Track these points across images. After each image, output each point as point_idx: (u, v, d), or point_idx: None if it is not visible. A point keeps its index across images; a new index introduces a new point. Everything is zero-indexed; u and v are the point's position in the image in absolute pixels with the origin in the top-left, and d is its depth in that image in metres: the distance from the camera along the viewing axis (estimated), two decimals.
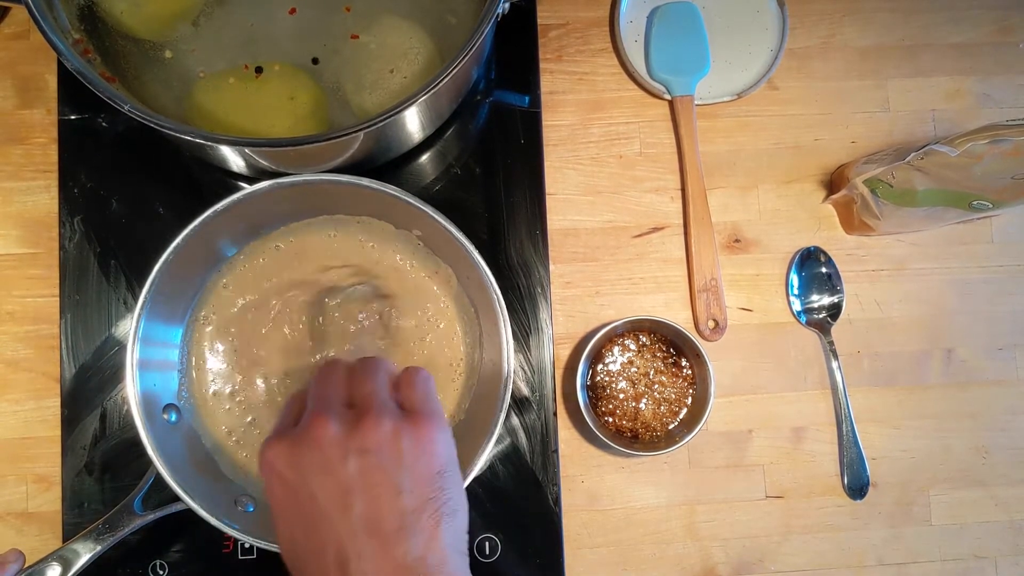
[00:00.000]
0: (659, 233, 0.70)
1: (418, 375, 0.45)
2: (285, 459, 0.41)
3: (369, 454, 0.40)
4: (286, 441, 0.41)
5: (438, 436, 0.42)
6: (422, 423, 0.42)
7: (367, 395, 0.43)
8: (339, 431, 0.41)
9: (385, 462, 0.40)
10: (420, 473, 0.41)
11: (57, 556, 0.52)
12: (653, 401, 0.66)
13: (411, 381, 0.45)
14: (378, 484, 0.40)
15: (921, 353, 0.70)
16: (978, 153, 0.55)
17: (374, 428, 0.41)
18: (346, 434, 0.40)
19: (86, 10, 0.56)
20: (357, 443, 0.40)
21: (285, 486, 0.41)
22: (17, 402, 0.65)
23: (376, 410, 0.42)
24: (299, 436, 0.41)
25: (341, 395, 0.44)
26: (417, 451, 0.41)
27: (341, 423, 0.41)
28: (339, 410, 0.42)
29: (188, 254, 0.55)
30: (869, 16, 0.73)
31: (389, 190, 0.55)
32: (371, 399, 0.43)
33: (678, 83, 0.70)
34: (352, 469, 0.40)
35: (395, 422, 0.41)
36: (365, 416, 0.41)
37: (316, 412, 0.42)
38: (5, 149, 0.67)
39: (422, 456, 0.41)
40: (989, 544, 0.69)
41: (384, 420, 0.41)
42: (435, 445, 0.42)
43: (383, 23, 0.59)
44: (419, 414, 0.42)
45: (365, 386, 0.44)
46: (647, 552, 0.67)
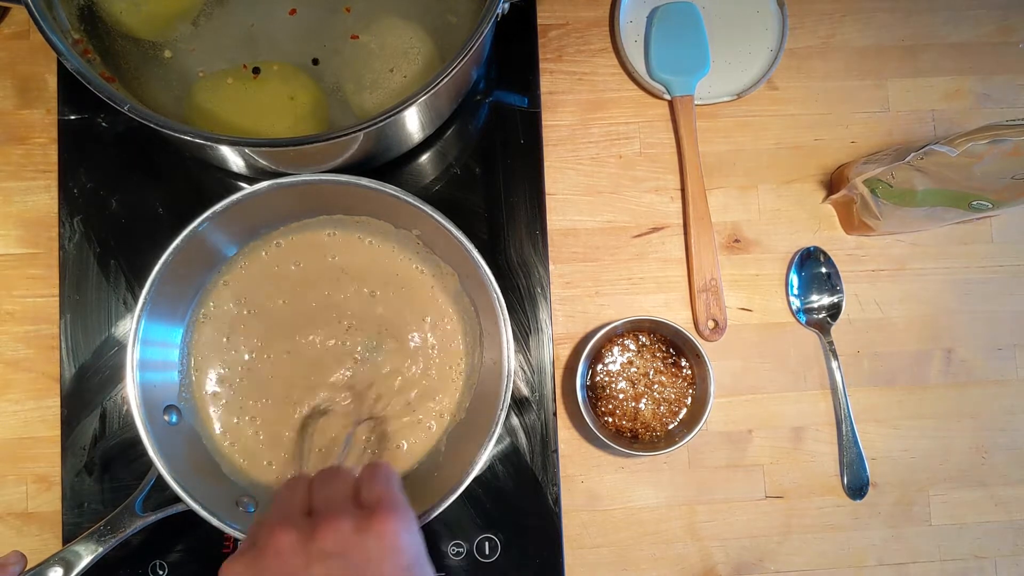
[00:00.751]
0: (659, 233, 0.70)
1: (378, 470, 0.44)
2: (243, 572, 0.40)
3: (332, 558, 0.39)
4: (246, 557, 0.41)
5: (402, 529, 0.41)
6: (385, 518, 0.41)
7: (324, 500, 0.42)
8: (298, 538, 0.40)
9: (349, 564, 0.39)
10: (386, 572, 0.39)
11: (59, 558, 0.52)
12: (653, 401, 0.66)
13: (372, 475, 0.44)
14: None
15: (921, 353, 0.70)
16: (978, 153, 0.55)
17: (333, 530, 0.40)
18: (305, 541, 0.39)
19: (86, 10, 0.57)
20: (318, 548, 0.39)
21: None
22: (17, 402, 0.65)
23: (334, 513, 0.41)
24: (258, 551, 0.40)
25: (301, 506, 0.43)
26: (382, 548, 0.40)
27: (299, 530, 0.40)
28: (297, 519, 0.41)
29: (188, 254, 0.55)
30: (869, 16, 0.73)
31: (389, 190, 0.55)
32: (329, 503, 0.42)
33: (678, 83, 0.70)
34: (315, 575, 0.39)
35: (355, 521, 0.40)
36: (324, 519, 0.40)
37: (273, 524, 0.41)
38: (5, 149, 0.67)
39: (388, 554, 0.40)
40: (989, 544, 0.69)
41: (342, 521, 0.40)
42: (400, 539, 0.40)
43: (383, 23, 0.59)
44: (381, 509, 0.41)
45: (322, 492, 0.43)
46: (647, 552, 0.67)
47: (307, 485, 0.45)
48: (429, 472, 0.59)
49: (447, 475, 0.56)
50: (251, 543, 0.42)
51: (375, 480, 0.44)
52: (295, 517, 0.42)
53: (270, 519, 0.42)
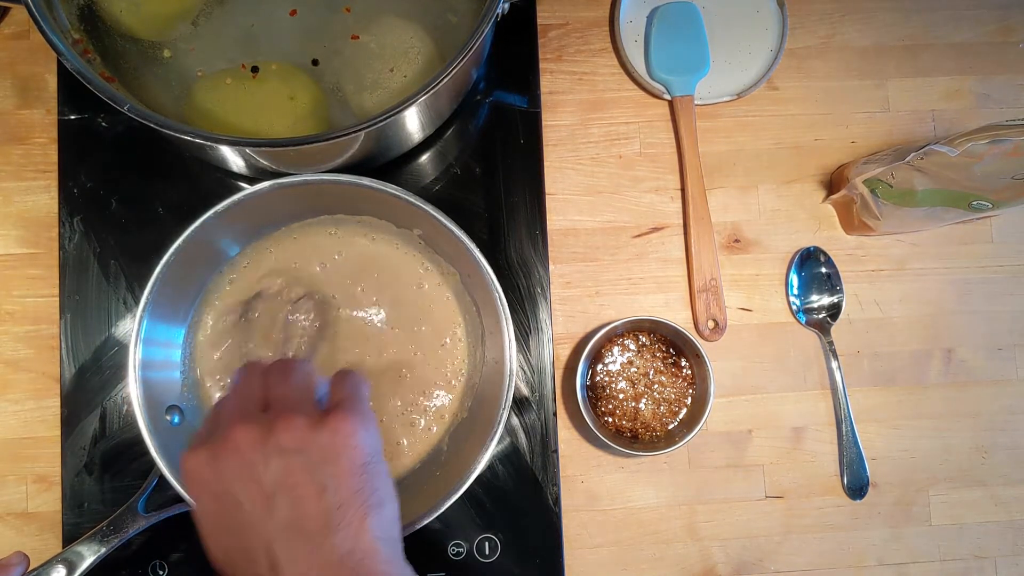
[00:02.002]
0: (659, 233, 0.70)
1: (348, 376, 0.45)
2: (207, 467, 0.41)
3: (289, 454, 0.40)
4: (205, 450, 0.41)
5: (358, 429, 0.41)
6: (341, 417, 0.41)
7: (282, 396, 0.43)
8: (256, 434, 0.40)
9: (306, 461, 0.40)
10: (342, 468, 0.40)
11: (61, 558, 0.52)
12: (653, 401, 0.66)
13: (340, 381, 0.45)
14: (300, 484, 0.39)
15: (921, 353, 0.70)
16: (978, 153, 0.55)
17: (289, 427, 0.40)
18: (263, 436, 0.40)
19: (86, 10, 0.56)
20: (274, 444, 0.40)
21: (209, 494, 0.41)
22: (17, 402, 0.65)
23: (291, 410, 0.41)
24: (218, 443, 0.41)
25: (257, 398, 0.43)
26: (337, 446, 0.40)
27: (258, 425, 0.41)
28: (255, 413, 0.42)
29: (190, 254, 0.55)
30: (869, 16, 0.73)
31: (390, 189, 0.55)
32: (286, 399, 0.42)
33: (678, 83, 0.70)
34: (273, 471, 0.40)
35: (311, 419, 0.41)
36: (280, 416, 0.41)
37: (232, 418, 0.41)
38: (5, 149, 0.67)
39: (343, 451, 0.40)
40: (989, 544, 0.69)
41: (299, 418, 0.41)
42: (355, 438, 0.41)
43: (383, 23, 0.59)
44: (338, 410, 0.42)
45: (280, 387, 0.44)
46: (647, 552, 0.67)
47: (261, 373, 0.45)
48: (431, 471, 0.59)
49: (449, 474, 0.56)
50: (209, 432, 0.42)
51: (343, 384, 0.44)
52: (252, 411, 0.42)
53: (229, 409, 0.43)
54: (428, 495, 0.55)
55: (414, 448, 0.60)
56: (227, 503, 0.40)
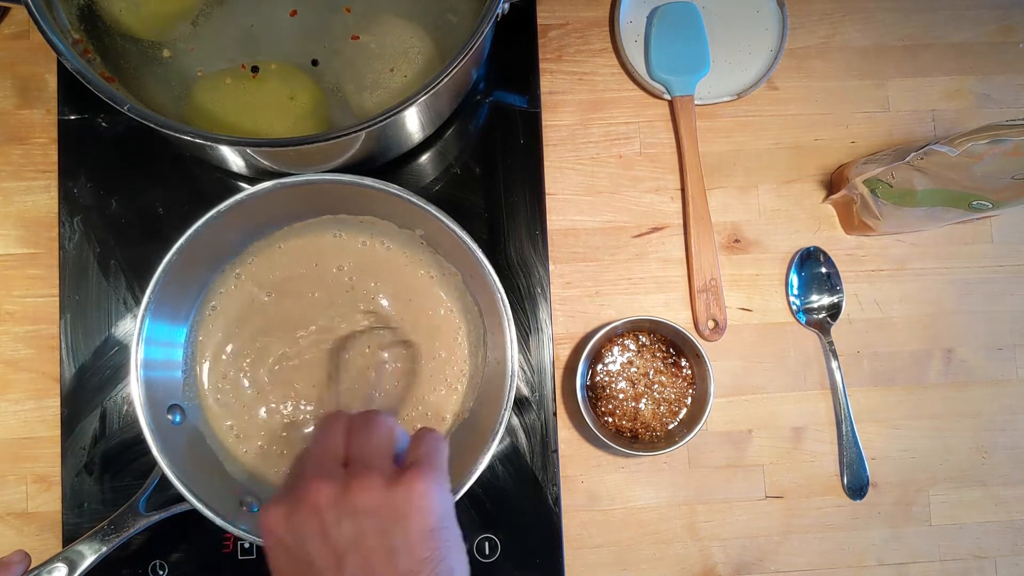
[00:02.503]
0: (659, 233, 0.70)
1: (428, 435, 0.45)
2: (283, 523, 0.41)
3: (362, 516, 0.40)
4: (283, 505, 0.41)
5: (432, 490, 0.41)
6: (416, 478, 0.41)
7: (361, 453, 0.43)
8: (332, 493, 0.40)
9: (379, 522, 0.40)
10: (414, 532, 0.40)
11: (63, 557, 0.52)
12: (653, 401, 0.66)
13: (420, 439, 0.44)
14: (371, 547, 0.39)
15: (921, 353, 0.70)
16: (978, 153, 0.55)
17: (365, 487, 0.40)
18: (339, 494, 0.40)
19: (85, 10, 0.56)
20: (350, 504, 0.40)
21: (283, 550, 0.41)
22: (17, 402, 0.65)
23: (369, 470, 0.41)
24: (295, 500, 0.41)
25: (338, 453, 0.43)
26: (409, 508, 0.40)
27: (334, 485, 0.40)
28: (333, 470, 0.42)
29: (192, 254, 0.55)
30: (869, 16, 0.73)
31: (392, 189, 0.55)
32: (366, 458, 0.42)
33: (678, 83, 0.70)
34: (346, 532, 0.39)
35: (387, 479, 0.41)
36: (358, 476, 0.41)
37: (311, 475, 0.41)
38: (5, 149, 0.67)
39: (415, 513, 0.40)
40: (989, 544, 0.69)
41: (375, 477, 0.40)
42: (428, 500, 0.41)
43: (383, 23, 0.59)
44: (414, 469, 0.41)
45: (360, 443, 0.43)
46: (647, 552, 0.67)
47: (345, 427, 0.45)
48: None
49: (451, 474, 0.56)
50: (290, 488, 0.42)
51: (422, 442, 0.44)
52: (332, 467, 0.42)
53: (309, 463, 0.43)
54: None
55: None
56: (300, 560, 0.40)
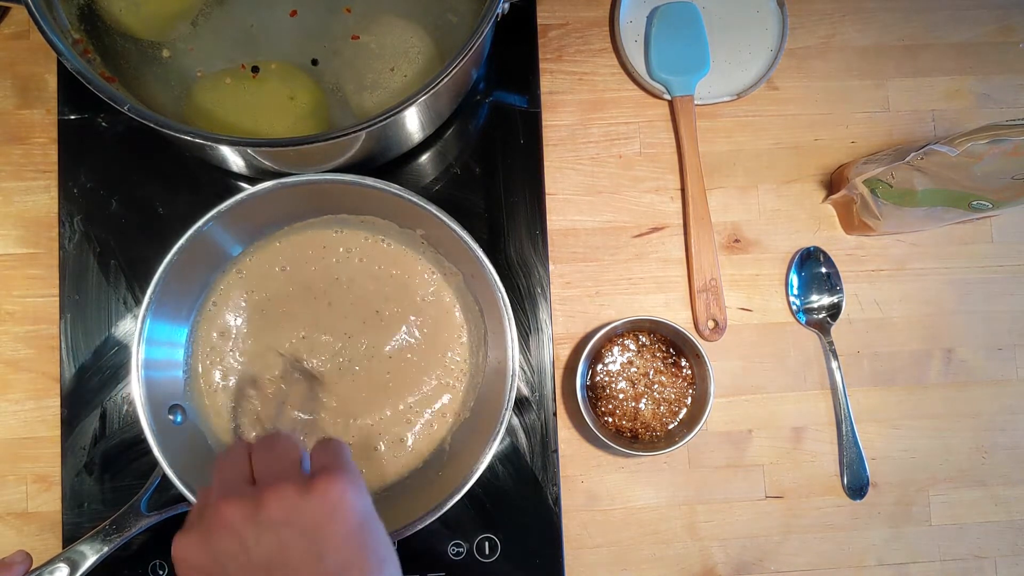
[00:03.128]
0: (659, 233, 0.70)
1: (329, 442, 0.44)
2: (198, 550, 0.40)
3: (281, 527, 0.39)
4: (195, 532, 0.40)
5: (348, 488, 0.40)
6: (328, 481, 0.40)
7: (267, 468, 0.42)
8: (244, 509, 0.39)
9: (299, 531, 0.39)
10: (337, 532, 0.39)
11: (64, 557, 0.52)
12: (653, 401, 0.66)
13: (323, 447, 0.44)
14: (295, 555, 0.38)
15: (921, 353, 0.70)
16: (978, 153, 0.55)
17: (278, 498, 0.39)
18: (252, 510, 0.39)
19: (85, 10, 0.57)
20: (265, 517, 0.39)
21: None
22: (17, 402, 0.65)
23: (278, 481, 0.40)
24: (207, 524, 0.40)
25: (243, 475, 0.43)
26: (328, 509, 0.39)
27: (245, 501, 0.40)
28: (241, 489, 0.41)
29: (193, 254, 0.55)
30: (869, 16, 0.73)
31: (394, 189, 0.55)
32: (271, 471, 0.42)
33: (678, 83, 0.70)
34: (267, 546, 0.39)
35: (298, 486, 0.40)
36: (267, 488, 0.40)
37: (218, 496, 0.41)
38: (5, 149, 0.67)
39: (335, 515, 0.39)
40: (989, 544, 0.69)
41: (286, 487, 0.40)
42: (346, 500, 0.40)
43: (383, 23, 0.59)
44: (325, 472, 0.41)
45: (264, 459, 0.43)
46: (647, 552, 0.67)
47: (245, 451, 0.44)
48: (434, 471, 0.59)
49: (452, 474, 0.56)
50: (198, 516, 0.42)
51: (326, 449, 0.44)
52: (239, 486, 0.41)
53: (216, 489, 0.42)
54: (431, 495, 0.55)
55: (417, 448, 0.60)
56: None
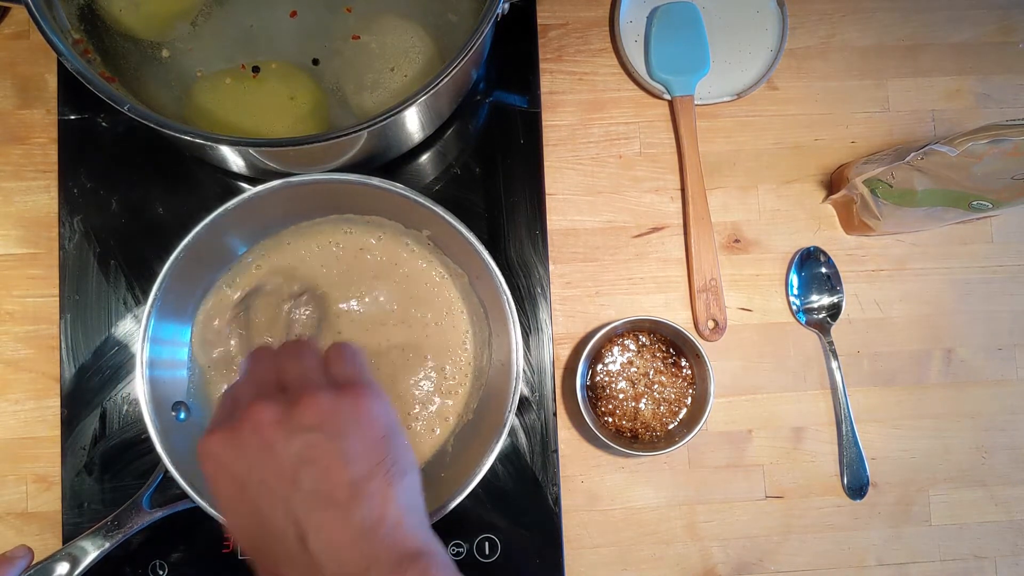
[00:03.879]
0: (659, 233, 0.70)
1: (346, 349, 0.45)
2: (227, 449, 0.41)
3: (311, 431, 0.40)
4: (224, 432, 0.41)
5: (375, 403, 0.42)
6: (358, 393, 0.42)
7: (298, 375, 0.43)
8: (277, 412, 0.40)
9: (327, 436, 0.40)
10: (364, 440, 0.41)
11: (65, 553, 0.52)
12: (653, 401, 0.66)
13: (340, 355, 0.45)
14: (324, 457, 0.40)
15: (921, 353, 0.70)
16: (978, 153, 0.55)
17: (311, 405, 0.41)
18: (284, 415, 0.40)
19: (85, 10, 0.57)
20: (297, 422, 0.40)
21: (230, 477, 0.41)
22: (17, 402, 0.65)
23: (311, 388, 0.42)
24: (237, 424, 0.41)
25: (271, 379, 0.44)
26: (358, 420, 0.41)
27: (278, 405, 0.41)
28: (273, 393, 0.42)
29: (198, 253, 0.55)
30: (869, 16, 0.73)
31: (399, 189, 0.55)
32: (303, 378, 0.43)
33: (678, 83, 0.70)
34: (296, 447, 0.40)
35: (331, 396, 0.41)
36: (301, 395, 0.41)
37: (251, 399, 0.42)
38: (5, 149, 0.67)
39: (363, 424, 0.41)
40: (989, 544, 0.69)
41: (320, 396, 0.41)
42: (373, 412, 0.42)
43: (383, 23, 0.59)
44: (353, 385, 0.42)
45: (294, 367, 0.44)
46: (647, 552, 0.67)
47: (274, 357, 0.45)
48: (436, 473, 0.59)
49: (454, 475, 0.56)
50: (227, 416, 0.42)
51: (345, 358, 0.45)
52: (270, 390, 0.42)
53: (242, 392, 0.43)
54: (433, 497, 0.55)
55: (419, 450, 0.60)
56: (249, 483, 0.40)
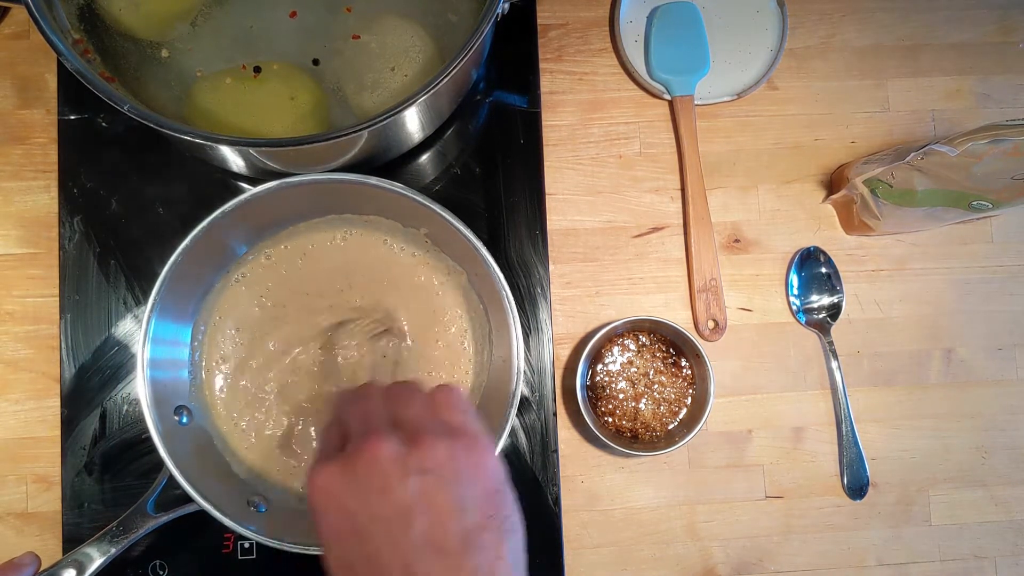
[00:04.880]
0: (659, 233, 0.70)
1: (454, 394, 0.45)
2: (340, 482, 0.40)
3: (428, 474, 0.39)
4: (338, 464, 0.40)
5: (489, 454, 0.42)
6: (474, 443, 0.41)
7: (415, 416, 0.43)
8: (395, 450, 0.40)
9: (444, 483, 0.39)
10: (479, 492, 0.40)
11: (71, 560, 0.52)
12: (653, 401, 0.66)
13: (449, 402, 0.44)
14: (439, 503, 0.39)
15: (921, 353, 0.70)
16: (978, 153, 0.55)
17: (431, 448, 0.40)
18: (404, 453, 0.40)
19: (85, 10, 0.56)
20: (415, 463, 0.39)
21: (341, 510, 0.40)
22: (17, 402, 0.65)
23: (428, 430, 0.41)
24: (353, 457, 0.40)
25: (388, 417, 0.43)
26: (474, 470, 0.40)
27: (396, 443, 0.40)
28: (391, 429, 0.41)
29: (198, 253, 0.55)
30: (869, 16, 0.73)
31: (398, 189, 0.55)
32: (421, 420, 0.42)
33: (678, 83, 0.70)
34: (413, 489, 0.39)
35: (448, 442, 0.41)
36: (421, 436, 0.41)
37: (369, 432, 0.41)
38: (5, 149, 0.67)
39: (479, 475, 0.41)
40: (989, 544, 0.69)
41: (440, 440, 0.40)
42: (488, 463, 0.41)
43: (384, 23, 0.59)
44: (469, 434, 0.42)
45: (410, 408, 0.43)
46: (647, 552, 0.67)
47: (385, 394, 0.45)
48: None
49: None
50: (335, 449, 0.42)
51: (454, 405, 0.44)
52: (387, 428, 0.42)
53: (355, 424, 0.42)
54: None
55: None
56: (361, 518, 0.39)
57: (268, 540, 0.52)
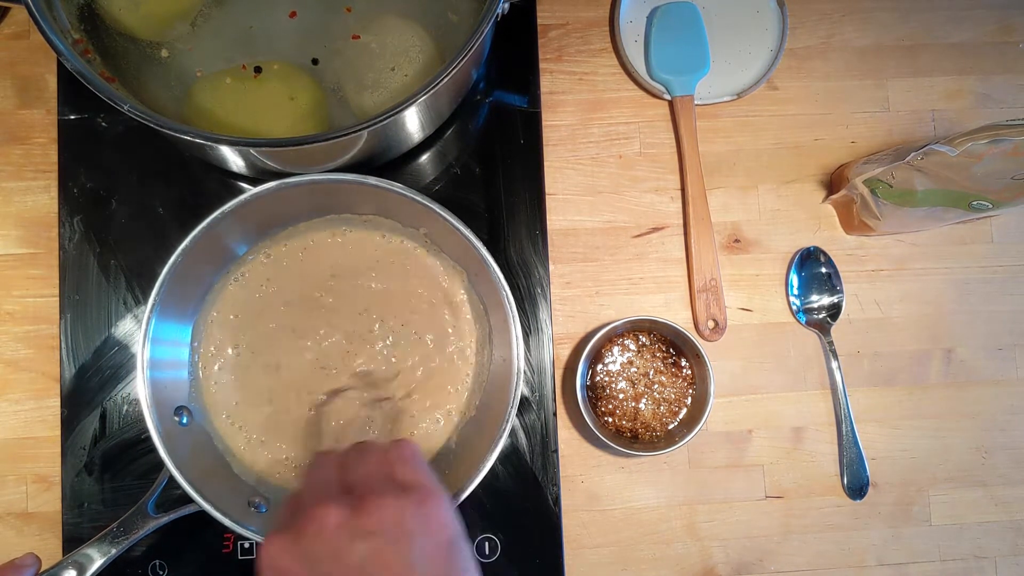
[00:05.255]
0: (659, 233, 0.70)
1: (407, 448, 0.45)
2: (289, 554, 0.40)
3: (376, 535, 0.39)
4: (286, 535, 0.40)
5: (441, 508, 0.41)
6: (426, 498, 0.41)
7: (363, 477, 0.43)
8: (341, 516, 0.40)
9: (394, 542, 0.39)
10: (431, 548, 0.40)
11: (72, 561, 0.52)
12: (653, 401, 0.66)
13: (402, 456, 0.44)
14: (390, 565, 0.39)
15: (921, 353, 0.70)
16: (978, 153, 0.55)
17: (377, 508, 0.40)
18: (349, 518, 0.40)
19: (85, 10, 0.56)
20: (362, 525, 0.39)
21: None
22: (17, 402, 0.65)
23: (376, 490, 0.41)
24: (300, 528, 0.40)
25: (336, 483, 0.43)
26: (424, 526, 0.40)
27: (342, 508, 0.40)
28: (337, 496, 0.41)
29: (198, 253, 0.55)
30: (869, 16, 0.73)
31: (397, 188, 0.55)
32: (368, 480, 0.42)
33: (678, 83, 0.70)
34: (361, 553, 0.39)
35: (398, 499, 0.40)
36: (366, 498, 0.40)
37: (314, 501, 0.41)
38: (5, 149, 0.67)
39: (430, 529, 0.40)
40: (989, 544, 0.69)
41: (386, 499, 0.40)
42: (440, 517, 0.41)
43: (384, 23, 0.59)
44: (420, 489, 0.41)
45: (359, 469, 0.43)
46: (647, 552, 0.67)
47: (338, 461, 0.45)
48: (440, 470, 0.59)
49: (458, 473, 0.56)
50: (289, 519, 0.42)
51: (407, 459, 0.44)
52: (334, 494, 0.42)
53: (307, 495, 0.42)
54: None
55: (424, 446, 0.60)
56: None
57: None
